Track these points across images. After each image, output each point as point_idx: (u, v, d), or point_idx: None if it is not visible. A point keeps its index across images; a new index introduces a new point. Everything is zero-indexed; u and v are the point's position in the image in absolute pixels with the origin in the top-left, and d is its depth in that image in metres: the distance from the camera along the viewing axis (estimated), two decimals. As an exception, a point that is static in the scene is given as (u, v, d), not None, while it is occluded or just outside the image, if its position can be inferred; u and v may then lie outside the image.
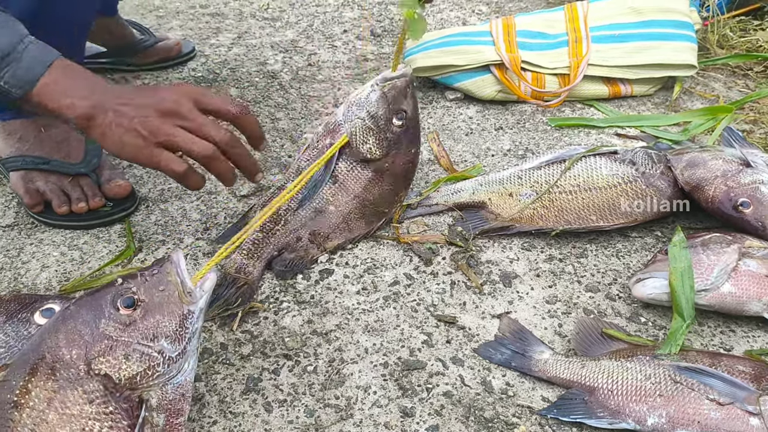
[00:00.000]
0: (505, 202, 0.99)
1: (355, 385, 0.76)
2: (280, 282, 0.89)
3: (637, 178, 0.96)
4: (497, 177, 1.02)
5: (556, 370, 0.75)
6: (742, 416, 0.65)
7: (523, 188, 0.99)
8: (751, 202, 0.88)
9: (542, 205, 0.97)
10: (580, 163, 0.99)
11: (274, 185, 1.02)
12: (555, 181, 0.98)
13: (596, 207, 0.95)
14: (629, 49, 1.27)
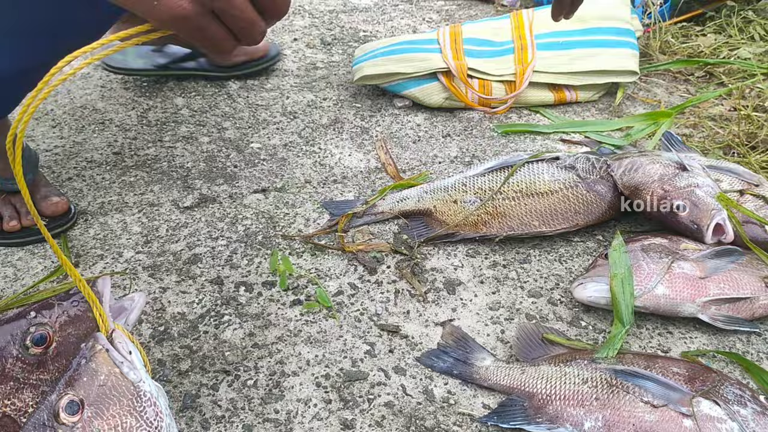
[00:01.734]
0: (450, 209, 0.99)
1: (295, 398, 0.75)
2: (221, 295, 0.88)
3: (578, 183, 0.97)
4: (442, 184, 1.03)
5: (497, 377, 0.75)
6: (676, 418, 0.66)
7: (467, 195, 1.00)
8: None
9: (486, 212, 0.97)
10: (523, 170, 1.00)
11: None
12: (498, 188, 0.98)
13: (538, 213, 0.96)
14: (573, 56, 1.29)
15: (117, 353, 0.58)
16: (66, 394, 0.54)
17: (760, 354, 0.80)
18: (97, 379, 0.55)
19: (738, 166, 1.00)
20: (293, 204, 1.06)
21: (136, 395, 0.56)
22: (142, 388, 0.57)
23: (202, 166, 1.14)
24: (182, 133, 1.24)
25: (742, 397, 0.66)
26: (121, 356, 0.58)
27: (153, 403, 0.57)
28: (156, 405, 0.57)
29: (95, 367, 0.56)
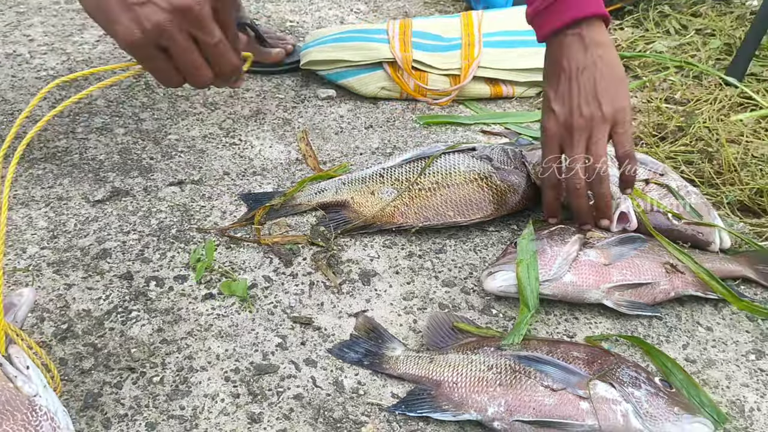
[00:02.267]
0: (368, 201, 0.99)
1: (202, 394, 0.73)
2: (129, 291, 0.85)
3: (493, 173, 0.99)
4: (360, 175, 1.03)
5: (406, 366, 0.76)
6: (574, 400, 0.68)
7: (384, 186, 1.00)
8: (593, 195, 0.92)
9: (403, 203, 0.98)
10: (440, 160, 1.01)
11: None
12: (415, 179, 0.99)
13: (454, 203, 0.97)
14: (518, 54, 1.32)
15: (11, 367, 0.57)
16: None
17: (660, 337, 0.83)
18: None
19: (645, 156, 1.03)
20: (210, 197, 1.04)
21: (31, 410, 0.55)
22: (38, 402, 0.55)
23: (116, 159, 1.11)
24: (96, 124, 1.20)
25: (637, 379, 0.69)
26: (15, 370, 0.57)
27: (50, 418, 0.56)
28: (54, 420, 0.56)
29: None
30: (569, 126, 0.84)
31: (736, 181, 1.03)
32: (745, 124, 1.18)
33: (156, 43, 0.64)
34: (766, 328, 0.85)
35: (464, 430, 0.71)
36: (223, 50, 0.68)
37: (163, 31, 0.63)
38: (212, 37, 0.66)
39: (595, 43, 0.83)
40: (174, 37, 0.64)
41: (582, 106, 0.83)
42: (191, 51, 0.66)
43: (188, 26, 0.64)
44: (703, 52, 1.46)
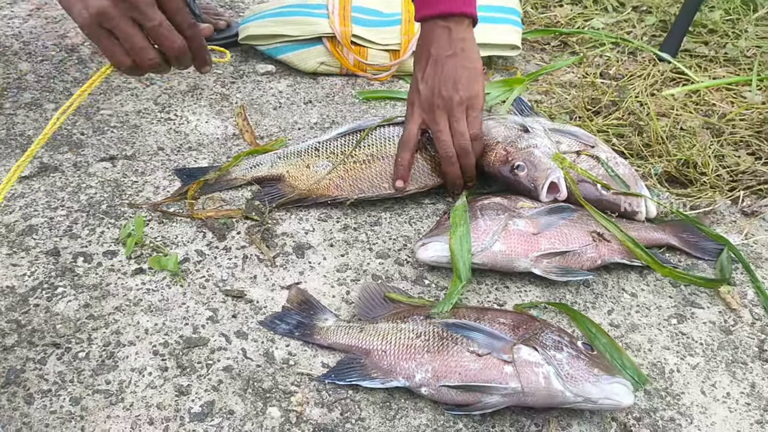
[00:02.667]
0: (303, 174, 0.99)
1: (129, 368, 0.72)
2: (56, 267, 0.83)
3: (426, 145, 0.99)
4: (295, 149, 1.02)
5: (337, 336, 0.76)
6: (498, 365, 0.69)
7: (320, 160, 1.00)
8: (525, 165, 0.93)
9: (338, 176, 0.98)
10: (375, 133, 1.01)
11: None
12: (350, 151, 0.99)
13: (389, 175, 0.97)
14: None
15: None
16: None
17: (587, 303, 0.86)
18: None
19: (578, 129, 1.05)
20: (143, 172, 1.02)
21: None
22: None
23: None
24: (25, 99, 1.16)
25: (559, 343, 0.71)
26: None
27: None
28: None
29: None
30: (431, 105, 0.94)
31: (663, 152, 1.06)
32: (676, 98, 1.21)
33: (101, 25, 0.72)
34: (689, 293, 0.88)
35: (393, 397, 0.72)
36: (164, 32, 0.74)
37: (105, 16, 0.71)
38: (151, 21, 0.72)
39: (461, 38, 0.93)
40: (115, 20, 0.71)
41: (442, 89, 0.93)
42: (133, 34, 0.73)
43: (128, 11, 0.71)
44: (639, 29, 1.49)
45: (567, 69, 1.36)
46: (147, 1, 0.72)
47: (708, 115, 1.18)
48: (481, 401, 0.69)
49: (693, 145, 1.07)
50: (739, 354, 0.80)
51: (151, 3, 0.72)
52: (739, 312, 0.86)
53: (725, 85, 1.27)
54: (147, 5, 0.72)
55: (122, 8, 0.71)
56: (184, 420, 0.68)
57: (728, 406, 0.74)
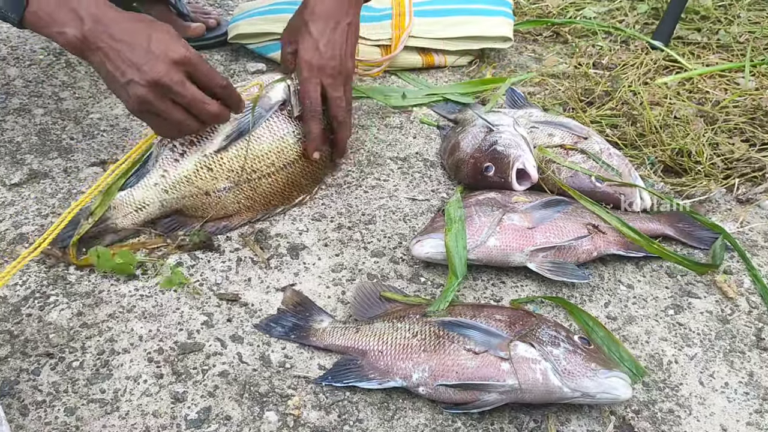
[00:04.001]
0: (204, 204, 0.90)
1: (124, 376, 0.72)
2: (48, 275, 0.83)
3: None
4: (181, 173, 0.88)
5: (333, 338, 0.76)
6: (495, 362, 0.69)
7: (218, 182, 0.89)
8: (491, 164, 0.94)
9: (245, 197, 0.92)
10: (264, 135, 0.92)
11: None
12: (242, 172, 0.90)
13: (295, 184, 0.95)
14: (448, 23, 1.31)
15: None
16: None
17: (583, 297, 0.85)
18: None
19: (570, 120, 1.04)
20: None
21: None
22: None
23: (34, 140, 1.07)
24: (13, 105, 1.15)
25: (556, 338, 0.70)
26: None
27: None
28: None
29: None
30: (333, 69, 0.92)
31: (657, 142, 1.06)
32: (669, 86, 1.20)
33: (145, 110, 0.79)
34: (685, 283, 0.88)
35: (390, 397, 0.72)
36: (197, 106, 0.80)
37: (145, 102, 0.78)
38: (183, 98, 0.79)
39: (354, 6, 0.95)
40: (154, 104, 0.78)
41: (345, 56, 0.93)
42: (172, 112, 0.80)
43: (163, 93, 0.78)
44: (631, 17, 1.48)
45: (560, 59, 1.35)
46: (177, 81, 0.77)
47: (701, 102, 1.17)
48: (479, 399, 0.68)
49: (687, 133, 1.06)
50: (737, 343, 0.80)
51: (180, 82, 0.78)
52: (736, 300, 0.86)
53: (718, 72, 1.26)
54: (177, 85, 0.77)
55: (158, 92, 0.77)
56: (180, 427, 0.67)
57: (727, 396, 0.74)
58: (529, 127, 1.03)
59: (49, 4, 0.77)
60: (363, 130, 1.15)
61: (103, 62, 0.78)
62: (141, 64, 0.76)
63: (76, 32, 0.77)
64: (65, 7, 0.77)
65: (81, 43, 0.77)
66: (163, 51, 0.77)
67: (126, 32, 0.78)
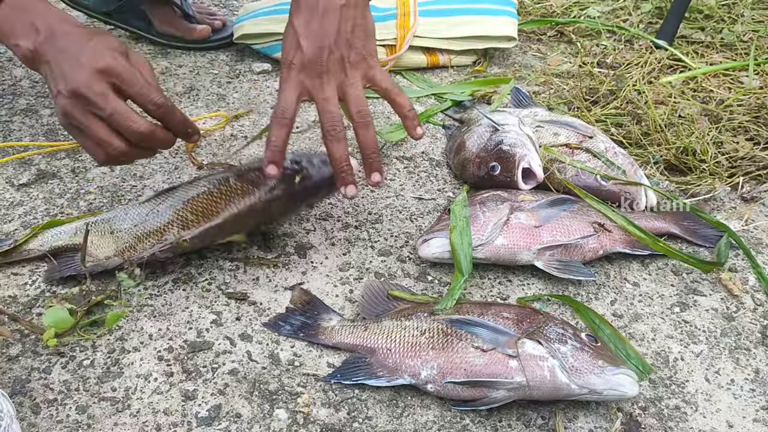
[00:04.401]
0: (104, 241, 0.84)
1: (135, 374, 0.73)
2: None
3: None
4: (142, 230, 0.83)
5: (341, 336, 0.76)
6: (503, 359, 0.69)
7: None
8: (497, 164, 0.94)
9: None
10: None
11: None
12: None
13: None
14: (452, 23, 1.32)
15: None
16: None
17: (590, 295, 0.86)
18: None
19: (575, 119, 1.05)
20: (142, 176, 1.02)
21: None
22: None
23: (41, 141, 1.07)
24: (21, 106, 1.16)
25: (563, 336, 0.71)
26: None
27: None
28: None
29: None
30: (319, 66, 0.76)
31: (662, 141, 1.06)
32: (673, 85, 1.21)
33: (71, 124, 0.73)
34: (691, 281, 0.89)
35: (399, 395, 0.72)
36: (118, 120, 0.72)
37: (67, 115, 0.72)
38: (103, 110, 0.71)
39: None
40: (77, 117, 0.72)
41: (334, 46, 0.76)
42: (94, 128, 0.72)
43: (84, 106, 0.71)
44: (635, 16, 1.49)
45: (564, 59, 1.36)
46: (97, 92, 0.70)
47: (706, 101, 1.17)
48: (487, 396, 0.69)
49: (691, 132, 1.06)
50: (742, 340, 0.81)
51: (101, 93, 0.70)
52: (741, 298, 0.86)
53: (722, 70, 1.26)
54: (98, 96, 0.70)
55: (79, 104, 0.71)
56: (191, 425, 0.68)
57: (733, 393, 0.74)
58: (535, 126, 1.04)
59: (10, 16, 0.74)
60: (368, 130, 1.15)
61: (46, 75, 0.73)
62: (66, 74, 0.71)
63: (29, 44, 0.73)
64: (25, 20, 0.74)
65: (32, 55, 0.74)
66: (90, 60, 0.70)
67: (70, 43, 0.72)
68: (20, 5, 0.75)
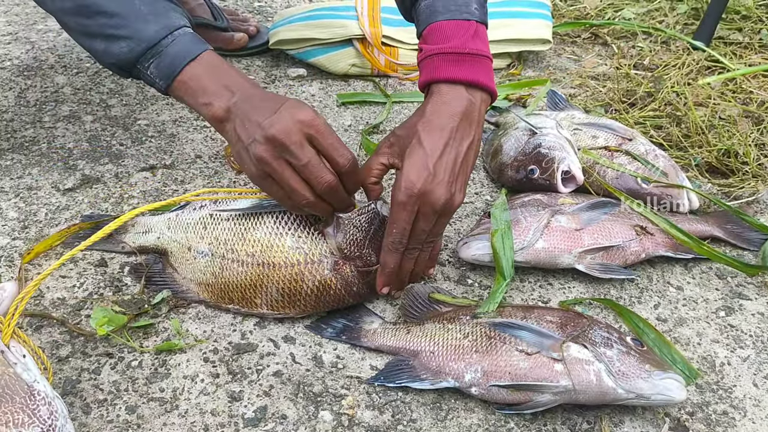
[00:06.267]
0: (183, 257, 0.84)
1: (182, 375, 0.74)
2: (104, 277, 0.85)
3: (324, 259, 0.79)
4: (186, 219, 0.85)
5: (384, 339, 0.77)
6: (548, 363, 0.69)
7: (202, 243, 0.83)
8: (535, 167, 0.94)
9: (211, 273, 0.81)
10: (267, 223, 0.81)
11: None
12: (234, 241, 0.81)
13: (264, 289, 0.79)
14: (488, 26, 1.31)
15: (11, 354, 0.60)
16: None
17: (632, 299, 0.85)
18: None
19: (614, 122, 1.04)
20: (183, 180, 1.03)
21: (29, 394, 0.57)
22: (36, 388, 0.58)
23: (84, 146, 1.10)
24: (63, 112, 1.18)
25: (609, 339, 0.70)
26: (15, 357, 0.60)
27: (48, 403, 0.57)
28: (51, 405, 0.58)
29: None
30: (426, 195, 0.73)
31: (703, 143, 1.05)
32: (713, 87, 1.19)
33: (264, 171, 0.73)
34: (736, 285, 0.87)
35: (442, 397, 0.72)
36: (311, 170, 0.72)
37: (262, 161, 0.72)
38: (298, 160, 0.71)
39: (477, 120, 0.76)
40: (271, 164, 0.72)
41: (444, 185, 0.73)
42: (285, 173, 0.72)
43: (281, 153, 0.71)
44: (671, 18, 1.47)
45: (600, 61, 1.35)
46: (295, 141, 0.71)
47: (746, 103, 1.16)
48: (532, 400, 0.68)
49: (733, 134, 1.05)
50: (792, 346, 0.79)
51: (299, 143, 0.71)
52: (789, 303, 0.85)
53: (762, 71, 1.25)
54: (295, 144, 0.71)
55: (275, 151, 0.71)
56: (238, 425, 0.68)
57: (783, 399, 0.73)
58: (572, 129, 1.03)
59: (202, 77, 0.76)
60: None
61: (235, 128, 0.74)
62: (263, 123, 0.71)
63: (223, 103, 0.75)
64: (218, 81, 0.76)
65: (224, 114, 0.75)
66: (290, 112, 0.71)
67: (266, 101, 0.74)
68: (212, 67, 0.77)
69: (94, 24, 0.77)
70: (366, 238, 0.79)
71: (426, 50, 0.78)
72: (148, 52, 0.76)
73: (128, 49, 0.76)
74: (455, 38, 0.78)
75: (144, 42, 0.76)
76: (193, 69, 0.76)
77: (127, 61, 0.77)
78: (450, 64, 0.77)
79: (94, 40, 0.78)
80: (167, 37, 0.76)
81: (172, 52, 0.76)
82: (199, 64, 0.76)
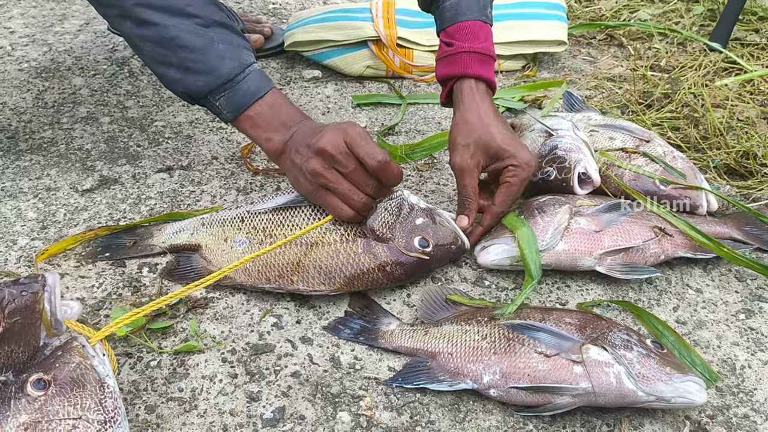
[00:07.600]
0: (219, 248, 0.87)
1: (200, 376, 0.74)
2: (123, 278, 0.86)
3: (359, 239, 0.85)
4: (221, 217, 0.90)
5: (402, 340, 0.77)
6: (567, 365, 0.68)
7: (240, 234, 0.87)
8: (552, 170, 0.93)
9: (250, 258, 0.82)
10: (304, 210, 0.87)
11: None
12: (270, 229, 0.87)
13: (300, 266, 0.83)
14: (502, 28, 1.31)
15: (91, 348, 0.64)
16: (36, 373, 0.60)
17: (651, 301, 0.84)
18: (68, 365, 0.61)
19: (631, 123, 1.03)
20: (199, 181, 1.04)
21: (100, 385, 0.61)
22: (107, 382, 0.62)
23: (102, 147, 1.10)
24: (81, 114, 1.19)
25: (628, 342, 0.70)
26: (94, 352, 0.64)
27: (114, 398, 0.61)
28: (117, 400, 0.61)
29: (69, 357, 0.62)
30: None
31: (722, 144, 1.04)
32: (730, 88, 1.19)
33: (318, 184, 0.80)
34: (755, 287, 0.86)
35: (461, 399, 0.72)
36: (356, 177, 0.80)
37: (316, 174, 0.79)
38: (346, 168, 0.79)
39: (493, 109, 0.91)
40: (323, 173, 0.79)
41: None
42: (338, 180, 0.80)
43: (329, 162, 0.79)
44: (687, 19, 1.46)
45: (615, 62, 1.34)
46: (341, 151, 0.78)
47: (764, 104, 1.15)
48: (551, 402, 0.68)
49: (751, 135, 1.04)
50: (813, 349, 0.78)
51: (344, 152, 0.78)
52: (810, 306, 0.84)
53: (780, 72, 1.23)
54: (341, 154, 0.78)
55: (326, 162, 0.79)
56: (257, 426, 0.69)
57: (805, 403, 0.72)
58: (589, 130, 1.03)
59: (266, 113, 0.84)
60: (421, 136, 1.16)
61: (290, 157, 0.82)
62: (311, 142, 0.79)
63: (281, 138, 0.83)
64: (278, 118, 0.84)
65: (282, 147, 0.83)
66: (332, 128, 0.79)
67: (313, 128, 0.82)
68: (275, 105, 0.85)
69: (174, 56, 0.82)
70: (396, 222, 0.84)
71: (457, 46, 0.90)
72: (221, 87, 0.83)
73: (204, 83, 0.83)
74: (482, 39, 0.90)
75: (220, 78, 0.82)
76: (260, 106, 0.84)
77: (200, 93, 0.84)
78: (479, 64, 0.89)
79: (170, 68, 0.84)
80: (240, 75, 0.83)
81: (243, 89, 0.83)
82: (265, 102, 0.84)
